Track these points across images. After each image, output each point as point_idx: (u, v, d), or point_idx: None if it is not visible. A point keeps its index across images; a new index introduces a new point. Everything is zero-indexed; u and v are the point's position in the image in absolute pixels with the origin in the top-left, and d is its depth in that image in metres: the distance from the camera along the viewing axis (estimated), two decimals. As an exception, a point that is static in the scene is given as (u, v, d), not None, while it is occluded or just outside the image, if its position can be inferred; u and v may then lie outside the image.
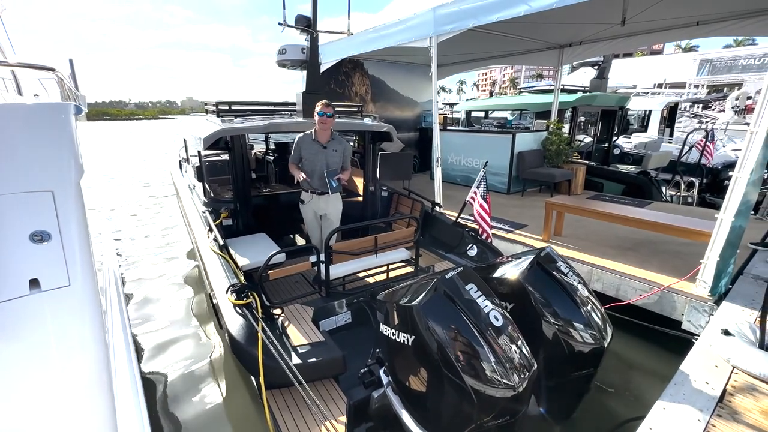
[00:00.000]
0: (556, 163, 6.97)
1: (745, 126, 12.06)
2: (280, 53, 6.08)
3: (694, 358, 2.38)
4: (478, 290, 1.87)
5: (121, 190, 10.71)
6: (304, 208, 3.63)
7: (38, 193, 1.24)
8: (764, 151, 2.70)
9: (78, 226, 1.28)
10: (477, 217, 3.66)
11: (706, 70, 18.91)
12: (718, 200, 6.95)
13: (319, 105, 3.32)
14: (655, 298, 3.25)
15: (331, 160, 3.46)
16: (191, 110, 8.75)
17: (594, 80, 8.93)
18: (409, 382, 1.90)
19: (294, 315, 2.66)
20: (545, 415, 2.34)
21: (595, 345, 2.11)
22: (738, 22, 4.87)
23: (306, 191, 3.56)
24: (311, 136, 3.45)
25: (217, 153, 5.42)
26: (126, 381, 1.78)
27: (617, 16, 4.95)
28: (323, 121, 3.32)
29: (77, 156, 1.40)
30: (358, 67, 7.97)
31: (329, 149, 3.45)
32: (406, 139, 8.81)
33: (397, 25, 5.06)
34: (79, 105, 1.59)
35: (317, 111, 3.31)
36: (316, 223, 3.68)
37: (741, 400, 2.03)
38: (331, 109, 3.33)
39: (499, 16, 3.92)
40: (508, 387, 1.67)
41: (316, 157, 3.43)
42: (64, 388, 1.10)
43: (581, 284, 2.25)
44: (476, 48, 7.12)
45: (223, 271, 2.75)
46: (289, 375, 1.91)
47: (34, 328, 1.12)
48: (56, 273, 1.19)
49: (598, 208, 4.22)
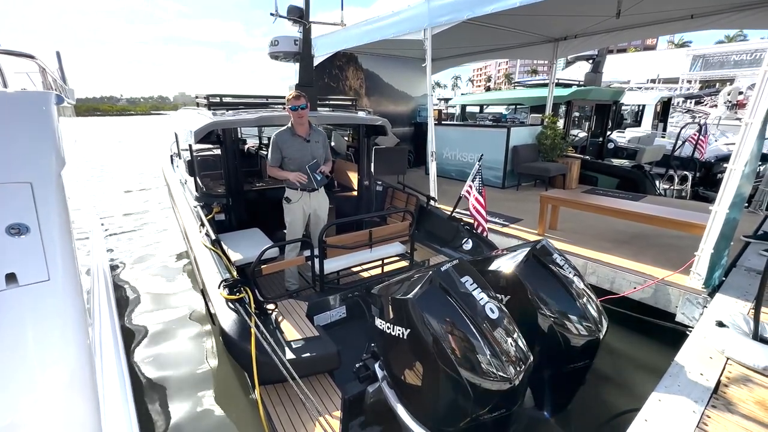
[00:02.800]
0: (551, 158, 6.97)
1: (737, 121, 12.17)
2: (272, 45, 5.99)
3: (688, 350, 2.39)
4: (473, 283, 1.85)
5: (111, 185, 10.55)
6: (291, 207, 3.37)
7: (15, 185, 1.18)
8: (758, 143, 2.70)
9: (59, 218, 1.23)
10: (473, 210, 3.64)
11: (699, 66, 19.01)
12: (711, 193, 7.03)
13: (291, 98, 3.07)
14: (650, 290, 3.25)
15: (316, 153, 3.29)
16: (184, 106, 8.62)
17: (589, 74, 8.93)
18: (405, 376, 1.87)
19: (288, 310, 2.63)
20: (541, 407, 2.34)
21: (591, 337, 2.11)
22: (731, 15, 4.88)
23: (295, 189, 3.31)
24: (290, 132, 3.22)
25: (209, 147, 5.34)
26: (113, 379, 1.73)
27: (612, 9, 4.93)
28: (300, 115, 3.11)
29: (58, 147, 1.34)
30: (352, 60, 7.89)
31: (312, 142, 3.26)
32: (401, 134, 8.76)
33: (391, 17, 5.00)
34: (61, 94, 1.53)
35: (290, 106, 3.08)
36: (302, 223, 3.46)
37: (735, 391, 2.04)
38: (304, 100, 3.10)
39: (494, 7, 3.88)
40: (504, 380, 1.65)
41: (302, 153, 3.23)
42: (43, 387, 1.05)
43: (577, 276, 2.24)
44: (471, 41, 7.07)
45: (215, 266, 2.71)
46: (282, 370, 1.87)
47: (11, 324, 1.07)
48: (35, 267, 1.13)
49: (593, 202, 4.22)
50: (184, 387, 2.91)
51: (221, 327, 2.22)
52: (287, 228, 3.47)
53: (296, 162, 3.24)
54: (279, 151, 3.22)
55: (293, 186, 3.29)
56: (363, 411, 2.17)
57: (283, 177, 3.25)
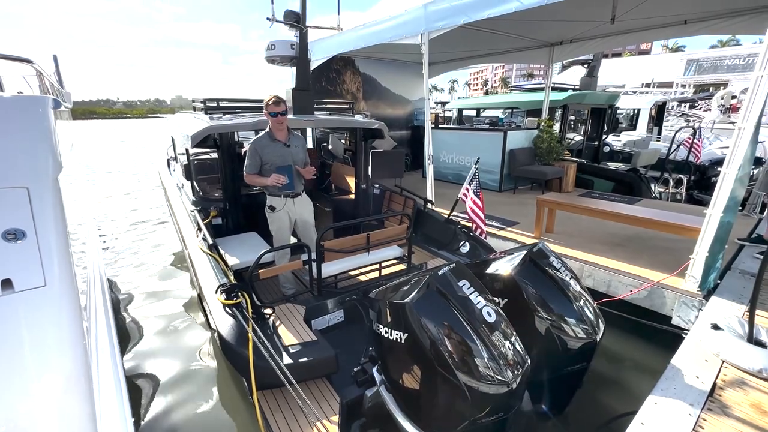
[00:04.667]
0: (547, 161, 7.01)
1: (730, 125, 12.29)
2: (269, 49, 5.99)
3: (684, 353, 2.40)
4: (470, 286, 1.85)
5: (107, 189, 10.50)
6: (276, 215, 3.28)
7: (11, 190, 1.18)
8: (751, 147, 2.73)
9: (55, 223, 1.23)
10: (470, 213, 3.64)
11: (693, 70, 19.22)
12: (706, 197, 7.09)
13: (271, 104, 3.03)
14: (645, 293, 3.27)
15: (297, 158, 3.26)
16: (181, 109, 8.60)
17: (584, 79, 8.99)
18: (403, 380, 1.87)
19: (285, 314, 2.62)
20: (538, 410, 2.34)
21: (588, 340, 2.12)
22: (723, 21, 4.95)
23: (278, 196, 3.24)
24: (269, 138, 3.17)
25: (205, 151, 5.33)
26: (110, 385, 1.72)
27: (607, 14, 4.98)
28: (279, 121, 3.10)
29: (55, 151, 1.34)
30: (350, 64, 7.92)
31: (292, 146, 3.24)
32: (398, 137, 8.78)
33: (388, 21, 5.03)
34: (58, 99, 1.53)
35: (269, 112, 3.05)
36: (289, 230, 3.40)
37: (731, 394, 2.05)
38: (284, 106, 3.09)
39: (490, 12, 3.91)
40: (501, 383, 1.65)
41: (283, 158, 3.17)
42: (39, 395, 1.04)
43: (573, 279, 2.25)
44: (468, 45, 7.12)
45: (212, 270, 2.70)
46: (280, 375, 1.87)
47: (6, 331, 1.06)
48: (31, 273, 1.13)
49: (589, 205, 4.24)
50: (181, 393, 2.89)
51: (218, 332, 2.21)
52: (274, 236, 3.39)
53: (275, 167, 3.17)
54: (258, 157, 3.15)
55: (274, 193, 3.24)
56: (361, 415, 2.17)
57: (261, 183, 3.16)
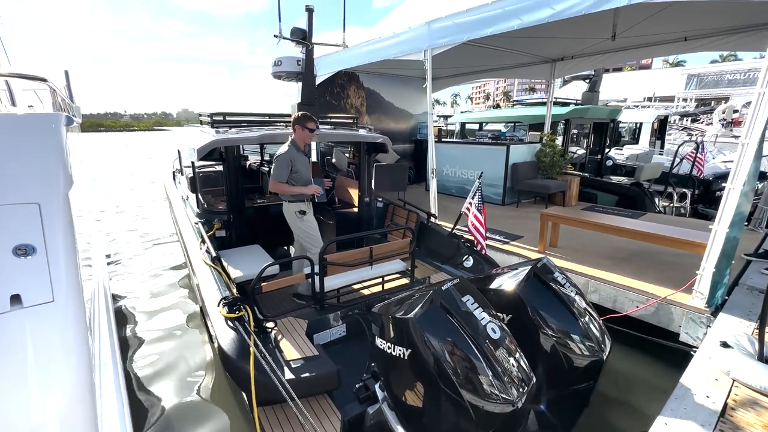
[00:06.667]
0: (550, 175, 7.02)
1: (732, 138, 12.30)
2: (275, 65, 6.13)
3: (693, 371, 2.35)
4: (474, 302, 1.84)
5: (112, 201, 10.60)
6: (308, 218, 3.48)
7: (24, 206, 1.20)
8: (756, 162, 2.73)
9: (64, 239, 1.24)
10: (471, 228, 3.64)
11: (694, 84, 19.39)
12: (711, 211, 7.05)
13: (311, 122, 3.38)
14: (652, 309, 3.23)
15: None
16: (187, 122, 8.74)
17: (586, 93, 9.09)
18: (406, 397, 1.84)
19: (287, 328, 2.61)
20: (544, 430, 2.29)
21: (594, 357, 2.08)
22: (723, 37, 5.01)
23: (303, 201, 3.44)
24: (296, 149, 3.40)
25: (210, 164, 5.40)
26: (112, 400, 1.71)
27: (608, 32, 5.07)
28: (312, 136, 3.43)
29: (66, 167, 1.37)
30: (354, 79, 8.05)
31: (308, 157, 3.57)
32: (401, 151, 8.86)
33: (392, 38, 5.13)
34: (71, 115, 1.57)
35: (309, 127, 3.35)
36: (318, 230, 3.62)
37: (743, 415, 2.00)
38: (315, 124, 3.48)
39: (493, 30, 3.98)
40: (506, 402, 1.63)
41: (306, 168, 3.45)
42: (44, 410, 1.04)
43: (578, 295, 2.23)
44: (470, 61, 7.22)
45: (215, 283, 2.70)
46: (281, 391, 1.84)
47: (13, 346, 1.07)
48: (39, 288, 1.14)
49: (593, 219, 4.23)
50: (182, 407, 2.86)
51: (220, 346, 2.19)
52: (310, 240, 3.52)
53: (303, 176, 3.42)
54: (290, 167, 3.32)
55: (300, 199, 3.44)
56: (363, 433, 2.12)
57: (297, 192, 3.38)
